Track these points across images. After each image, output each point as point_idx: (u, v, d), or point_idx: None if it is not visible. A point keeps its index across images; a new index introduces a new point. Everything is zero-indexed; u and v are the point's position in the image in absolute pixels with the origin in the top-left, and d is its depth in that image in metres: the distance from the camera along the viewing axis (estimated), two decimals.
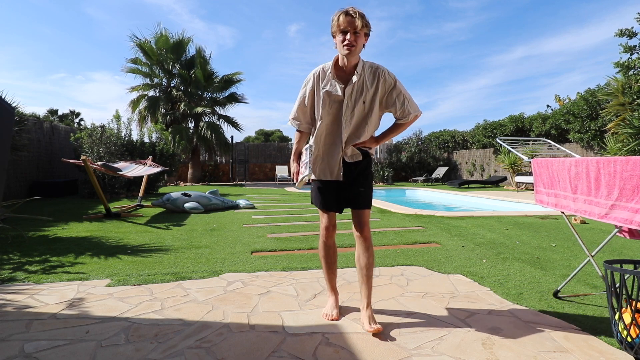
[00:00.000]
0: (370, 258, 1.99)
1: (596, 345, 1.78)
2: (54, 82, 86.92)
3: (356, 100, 1.93)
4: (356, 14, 1.80)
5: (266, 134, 46.95)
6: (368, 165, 2.06)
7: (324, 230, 2.09)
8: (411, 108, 1.98)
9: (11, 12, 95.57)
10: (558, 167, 2.37)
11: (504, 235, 4.40)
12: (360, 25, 1.80)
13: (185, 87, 16.90)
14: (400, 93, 1.96)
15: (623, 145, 7.49)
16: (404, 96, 1.97)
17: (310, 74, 2.03)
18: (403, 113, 1.97)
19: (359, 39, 1.83)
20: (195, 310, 2.16)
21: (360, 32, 1.83)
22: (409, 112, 1.97)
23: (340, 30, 1.84)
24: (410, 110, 1.97)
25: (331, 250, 2.13)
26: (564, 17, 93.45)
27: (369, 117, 1.97)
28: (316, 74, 2.00)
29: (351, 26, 1.81)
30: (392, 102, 1.97)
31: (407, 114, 1.97)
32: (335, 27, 1.85)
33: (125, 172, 6.40)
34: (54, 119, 33.65)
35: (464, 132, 19.01)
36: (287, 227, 4.97)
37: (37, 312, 2.12)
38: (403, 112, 1.97)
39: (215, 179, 18.95)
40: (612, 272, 1.78)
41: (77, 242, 3.99)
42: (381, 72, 1.94)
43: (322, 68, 2.00)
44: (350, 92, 1.92)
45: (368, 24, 1.86)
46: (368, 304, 1.97)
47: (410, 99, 1.99)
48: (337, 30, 1.85)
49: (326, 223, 2.07)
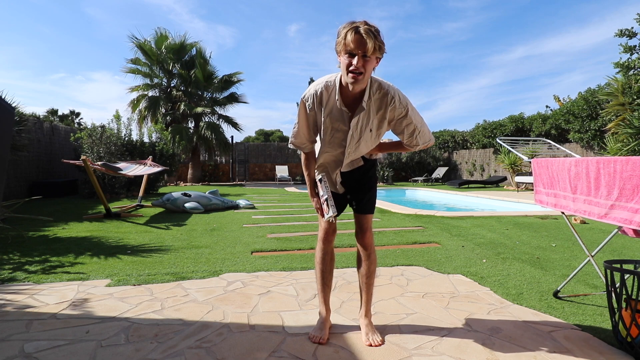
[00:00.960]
0: (372, 266, 1.88)
1: (596, 345, 1.78)
2: (54, 82, 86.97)
3: (362, 130, 1.70)
4: (369, 34, 1.45)
5: (266, 134, 46.97)
6: (371, 167, 1.92)
7: (322, 233, 1.89)
8: (421, 139, 1.76)
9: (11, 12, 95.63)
10: (558, 167, 2.37)
11: (504, 235, 4.40)
12: (372, 48, 1.46)
13: (185, 87, 16.91)
14: (411, 123, 1.71)
15: (623, 145, 7.49)
16: (415, 127, 1.72)
17: (311, 92, 1.69)
18: (411, 143, 1.78)
19: (368, 64, 1.50)
20: (195, 310, 2.16)
21: (372, 56, 1.49)
22: (417, 143, 1.78)
23: (346, 51, 1.51)
24: (420, 141, 1.77)
25: (328, 257, 1.91)
26: (564, 17, 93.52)
27: (375, 141, 1.79)
28: (317, 94, 1.68)
29: (361, 48, 1.47)
30: (400, 130, 1.75)
31: (414, 144, 1.79)
32: (340, 45, 1.52)
33: (125, 172, 6.40)
34: (54, 119, 33.65)
35: (464, 132, 19.02)
36: (287, 227, 4.97)
37: (37, 312, 2.12)
38: (411, 142, 1.78)
39: (215, 179, 18.95)
40: (612, 272, 1.78)
41: (77, 242, 3.99)
42: (390, 99, 1.65)
43: (324, 87, 1.67)
44: (356, 122, 1.67)
45: (382, 46, 1.51)
46: (367, 312, 1.89)
47: (421, 130, 1.75)
48: (343, 49, 1.51)
49: (326, 226, 1.88)
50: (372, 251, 1.89)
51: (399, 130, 1.75)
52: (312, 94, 1.69)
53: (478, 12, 71.40)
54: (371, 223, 1.91)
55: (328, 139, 1.76)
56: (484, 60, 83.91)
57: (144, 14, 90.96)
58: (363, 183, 1.89)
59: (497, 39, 79.70)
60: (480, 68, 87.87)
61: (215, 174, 19.04)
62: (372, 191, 1.91)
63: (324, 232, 1.89)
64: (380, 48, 1.50)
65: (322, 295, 1.93)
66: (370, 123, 1.69)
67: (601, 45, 78.53)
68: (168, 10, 77.88)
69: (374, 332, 1.82)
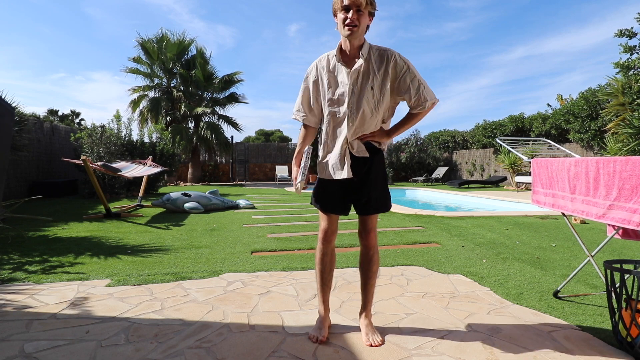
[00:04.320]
0: (374, 266, 1.87)
1: (596, 345, 1.78)
2: (54, 82, 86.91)
3: (362, 87, 1.72)
4: None
5: (266, 134, 46.95)
6: (379, 162, 1.84)
7: (322, 233, 1.87)
8: (427, 95, 1.74)
9: (11, 12, 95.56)
10: (557, 167, 2.37)
11: (504, 235, 4.40)
12: (364, 2, 1.64)
13: (185, 87, 16.91)
14: (415, 78, 1.73)
15: (623, 145, 7.49)
16: (419, 81, 1.74)
17: (313, 63, 1.85)
18: (419, 101, 1.74)
19: (362, 17, 1.66)
20: (195, 310, 2.16)
21: (364, 10, 1.66)
22: (425, 99, 1.73)
23: (341, 8, 1.67)
24: (427, 97, 1.74)
25: (327, 258, 1.88)
26: (564, 17, 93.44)
27: (379, 105, 1.75)
28: (319, 62, 1.82)
29: (354, 3, 1.64)
30: (405, 88, 1.74)
31: (423, 101, 1.74)
32: (337, 4, 1.68)
33: (125, 172, 6.40)
34: (54, 119, 33.65)
35: (464, 132, 19.02)
36: (287, 227, 4.97)
37: (37, 312, 2.12)
38: (419, 99, 1.73)
39: (215, 179, 18.95)
40: (612, 272, 1.78)
41: (77, 242, 3.99)
42: (390, 54, 1.72)
43: (326, 55, 1.82)
44: (355, 77, 1.72)
45: (373, 1, 1.69)
46: (368, 312, 1.89)
47: (426, 85, 1.76)
48: (339, 7, 1.68)
49: (326, 226, 1.86)
50: (375, 252, 1.87)
51: (405, 88, 1.74)
52: (315, 62, 1.86)
53: (478, 12, 71.41)
54: (376, 224, 1.88)
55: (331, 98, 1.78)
56: (484, 60, 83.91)
57: (144, 14, 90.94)
58: (371, 179, 1.81)
59: (497, 39, 79.70)
60: (480, 68, 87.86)
61: (215, 174, 19.04)
62: (379, 190, 1.83)
63: (324, 232, 1.87)
64: (372, 3, 1.69)
65: (321, 295, 1.92)
66: (371, 81, 1.72)
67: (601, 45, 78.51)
68: (168, 10, 77.90)
69: (374, 332, 1.82)
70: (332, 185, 1.83)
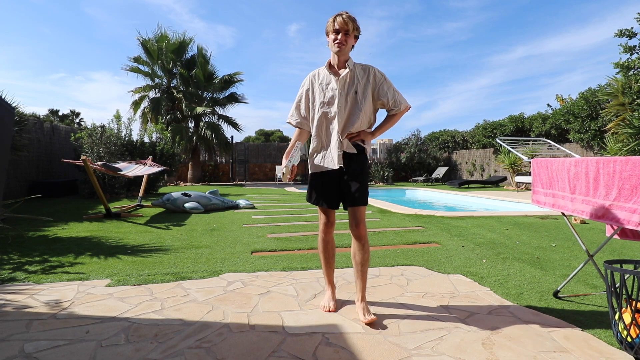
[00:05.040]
0: (366, 254, 2.12)
1: (596, 345, 1.78)
2: (54, 82, 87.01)
3: (349, 91, 2.11)
4: (349, 18, 2.05)
5: (266, 134, 46.95)
6: (364, 160, 2.17)
7: (322, 226, 2.23)
8: (401, 99, 2.17)
9: (11, 12, 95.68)
10: (558, 167, 2.37)
11: (504, 235, 4.40)
12: (351, 28, 2.06)
13: (185, 87, 16.90)
14: (391, 86, 2.17)
15: (623, 145, 7.48)
16: (394, 89, 2.17)
17: (307, 77, 2.25)
18: (395, 103, 2.15)
19: (349, 39, 2.08)
20: (195, 310, 2.16)
21: (351, 34, 2.08)
22: (400, 102, 2.16)
23: (333, 30, 2.07)
24: (401, 100, 2.17)
25: (329, 245, 2.26)
26: (564, 17, 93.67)
27: (362, 106, 2.11)
28: (312, 76, 2.22)
29: (343, 27, 2.05)
30: (383, 93, 2.14)
31: (398, 103, 2.16)
32: (329, 27, 2.09)
33: (125, 172, 6.40)
34: (54, 119, 33.65)
35: (464, 132, 19.01)
36: (287, 227, 4.97)
37: (37, 312, 2.12)
38: (394, 102, 2.15)
39: (215, 179, 18.94)
40: (612, 272, 1.78)
41: (77, 242, 3.99)
42: (371, 68, 2.16)
43: (317, 70, 2.22)
44: (342, 83, 2.11)
45: (358, 28, 2.12)
46: (363, 297, 2.10)
47: (399, 93, 2.19)
48: (331, 29, 2.08)
49: (324, 219, 2.21)
50: (365, 241, 2.12)
51: (383, 93, 2.14)
52: (308, 76, 2.24)
53: (478, 12, 71.59)
54: (364, 215, 2.14)
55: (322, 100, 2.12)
56: (484, 60, 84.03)
57: (144, 14, 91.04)
58: (357, 175, 2.11)
59: (497, 39, 79.81)
60: (480, 68, 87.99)
61: (215, 174, 19.04)
62: (364, 183, 2.14)
63: (323, 225, 2.23)
64: (358, 29, 2.11)
65: (327, 276, 2.29)
66: (355, 86, 2.11)
67: (601, 45, 78.69)
68: (168, 10, 77.99)
69: (369, 312, 2.04)
70: (326, 177, 2.15)
